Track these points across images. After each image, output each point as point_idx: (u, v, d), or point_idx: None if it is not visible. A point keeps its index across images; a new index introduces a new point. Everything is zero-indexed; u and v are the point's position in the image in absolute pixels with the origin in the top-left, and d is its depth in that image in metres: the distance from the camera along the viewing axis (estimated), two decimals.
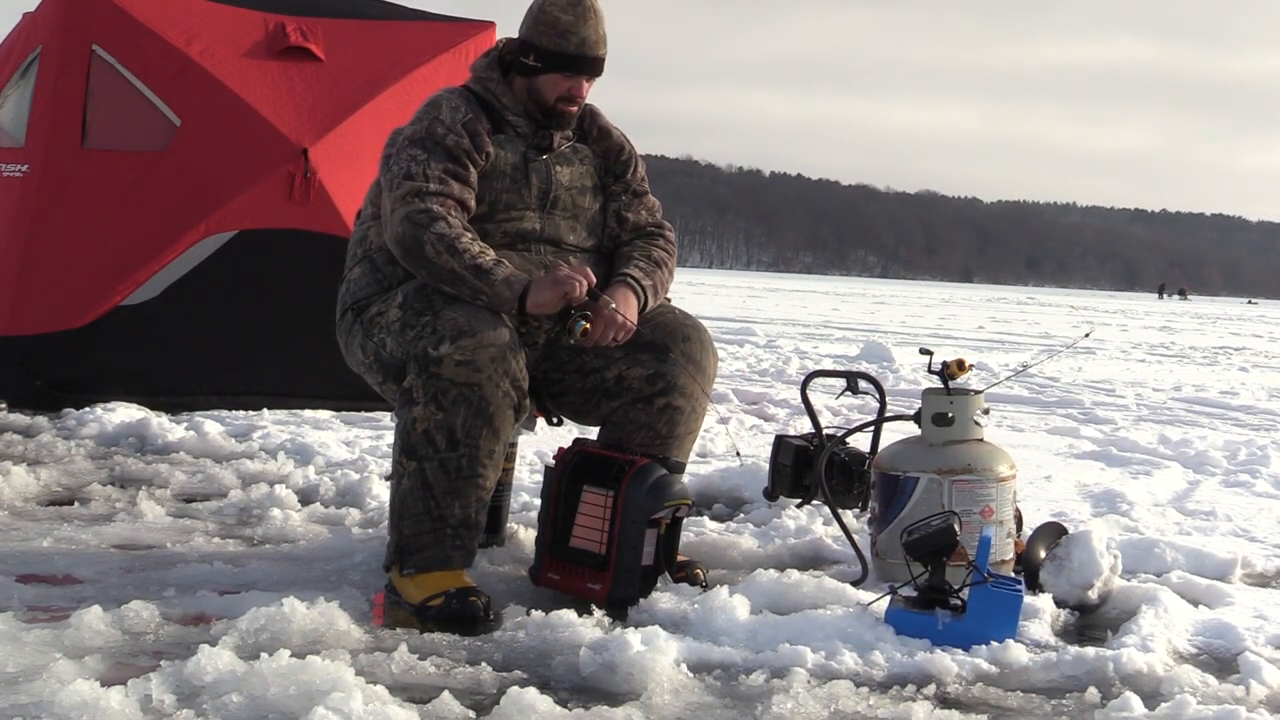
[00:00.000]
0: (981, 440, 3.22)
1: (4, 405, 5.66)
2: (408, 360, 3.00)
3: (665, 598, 2.92)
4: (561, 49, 3.16)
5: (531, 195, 3.20)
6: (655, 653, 2.48)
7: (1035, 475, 4.92)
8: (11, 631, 2.56)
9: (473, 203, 3.13)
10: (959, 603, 2.77)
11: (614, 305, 3.02)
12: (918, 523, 2.93)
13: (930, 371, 3.32)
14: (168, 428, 5.16)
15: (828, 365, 10.35)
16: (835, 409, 6.15)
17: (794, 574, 3.06)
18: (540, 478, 3.33)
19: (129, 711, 2.16)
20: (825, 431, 3.65)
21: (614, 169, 3.35)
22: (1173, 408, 8.14)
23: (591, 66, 3.20)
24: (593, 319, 2.99)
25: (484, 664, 2.53)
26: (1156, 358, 14.16)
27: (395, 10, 6.89)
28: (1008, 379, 8.19)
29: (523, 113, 3.23)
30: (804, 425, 4.59)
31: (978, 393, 3.27)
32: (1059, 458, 5.67)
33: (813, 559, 3.53)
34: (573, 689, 2.46)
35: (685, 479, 3.19)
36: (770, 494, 3.72)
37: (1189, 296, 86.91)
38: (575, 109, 3.24)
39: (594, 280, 3.01)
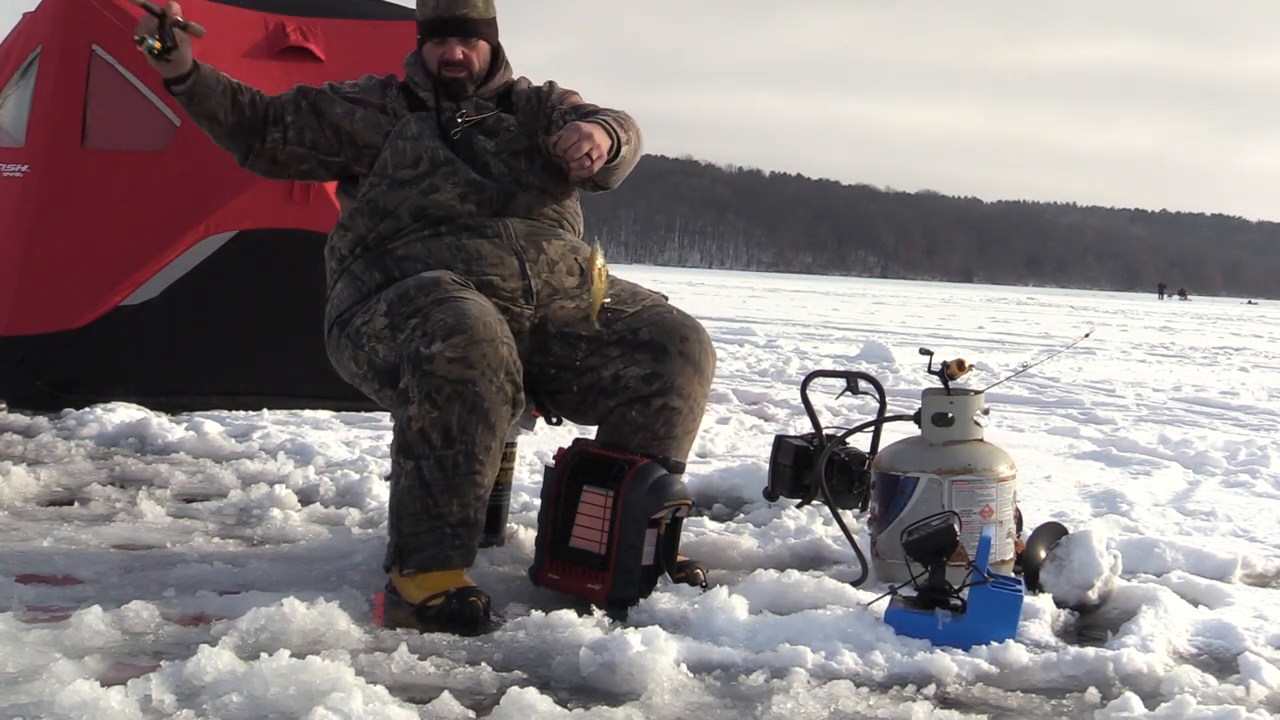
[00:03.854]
0: (981, 440, 3.22)
1: (4, 405, 5.66)
2: (400, 362, 2.99)
3: (665, 598, 2.92)
4: (424, 16, 3.36)
5: (460, 157, 3.25)
6: (655, 653, 2.47)
7: (1035, 475, 4.91)
8: (11, 631, 2.56)
9: (293, 113, 3.34)
10: (959, 603, 2.77)
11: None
12: (918, 523, 2.93)
13: (930, 371, 3.31)
14: (168, 428, 5.16)
15: (828, 365, 10.36)
16: (835, 409, 6.15)
17: (794, 574, 3.05)
18: (540, 478, 3.33)
19: (129, 711, 2.16)
20: (825, 431, 3.64)
21: (537, 104, 3.39)
22: (1173, 408, 8.14)
23: (453, 27, 3.32)
24: (161, 37, 3.03)
25: (484, 664, 2.53)
26: (1156, 358, 14.15)
27: (395, 10, 6.88)
28: (1008, 379, 8.18)
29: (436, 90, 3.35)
30: (804, 425, 4.59)
31: (978, 393, 3.26)
32: (1059, 458, 5.67)
33: (813, 559, 3.52)
34: (573, 689, 2.46)
35: (685, 479, 3.19)
36: (770, 494, 3.72)
37: (1189, 296, 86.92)
38: (461, 74, 3.34)
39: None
